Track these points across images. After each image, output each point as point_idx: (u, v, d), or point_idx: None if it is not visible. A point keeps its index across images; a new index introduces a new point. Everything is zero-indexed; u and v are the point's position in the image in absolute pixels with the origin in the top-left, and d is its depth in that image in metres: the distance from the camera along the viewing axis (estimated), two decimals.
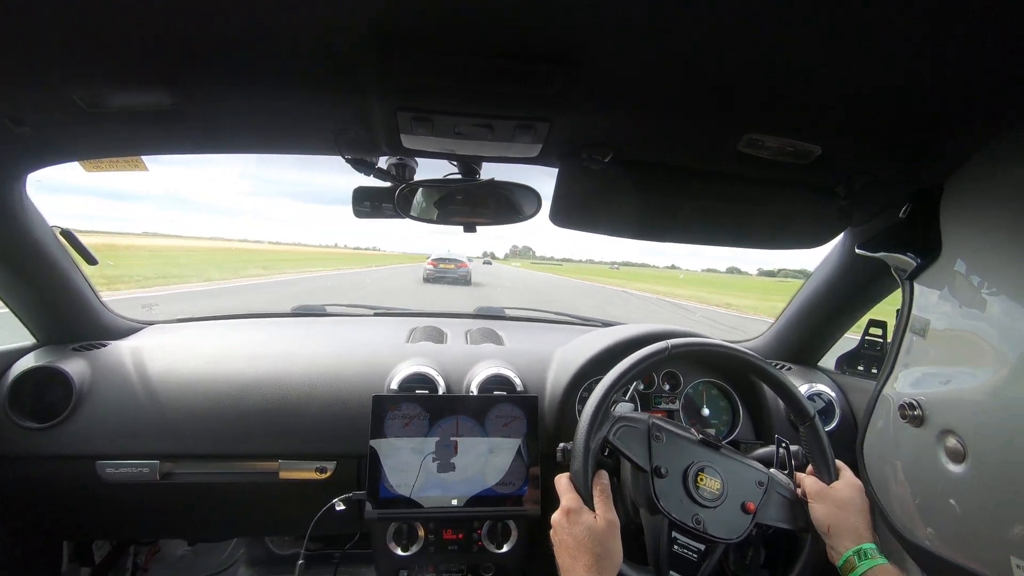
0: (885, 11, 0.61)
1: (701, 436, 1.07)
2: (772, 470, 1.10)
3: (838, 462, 1.07)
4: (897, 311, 1.25)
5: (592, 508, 0.94)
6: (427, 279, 21.03)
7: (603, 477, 0.98)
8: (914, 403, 0.80)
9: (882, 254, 0.96)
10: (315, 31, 0.71)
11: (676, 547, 0.96)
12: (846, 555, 0.92)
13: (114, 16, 0.67)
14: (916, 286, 0.88)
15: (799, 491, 1.06)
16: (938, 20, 0.62)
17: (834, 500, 1.00)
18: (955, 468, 0.74)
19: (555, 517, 0.97)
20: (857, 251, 1.05)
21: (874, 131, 0.91)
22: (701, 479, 1.00)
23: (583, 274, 57.23)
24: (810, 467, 1.08)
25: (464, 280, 21.32)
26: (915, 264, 0.88)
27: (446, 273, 21.15)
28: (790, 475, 1.10)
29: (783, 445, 1.14)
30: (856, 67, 0.73)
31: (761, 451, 1.17)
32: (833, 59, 0.72)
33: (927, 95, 0.79)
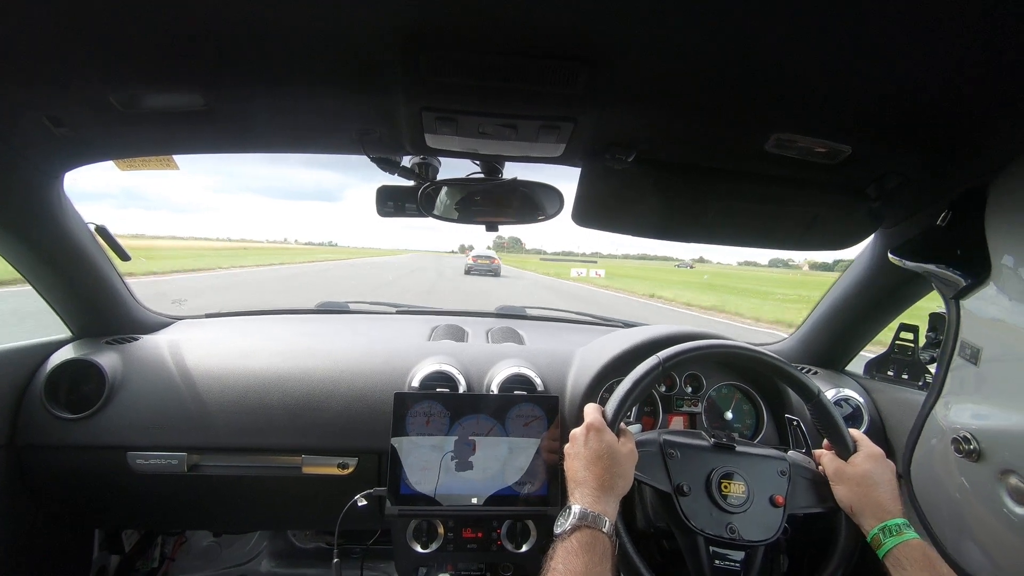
0: (917, 10, 0.59)
1: (714, 439, 1.05)
2: (790, 452, 1.08)
3: (854, 432, 1.04)
4: (931, 317, 1.19)
5: (616, 435, 0.95)
6: (468, 272, 27.97)
7: (635, 427, 1.01)
8: (969, 437, 0.72)
9: (920, 266, 0.89)
10: (343, 32, 0.72)
11: (717, 562, 0.95)
12: (872, 533, 0.90)
13: (148, 19, 0.69)
14: (963, 307, 0.80)
15: (820, 469, 1.04)
16: (974, 19, 0.60)
17: (853, 477, 0.97)
18: (1020, 510, 0.67)
19: (575, 431, 0.98)
20: (890, 257, 1.00)
21: (906, 131, 0.89)
22: (725, 486, 0.98)
23: (631, 279, 34.08)
24: (826, 442, 1.06)
25: (495, 273, 28.14)
26: (962, 284, 0.80)
27: (482, 267, 28.66)
28: (808, 453, 1.08)
29: (794, 424, 1.12)
30: (887, 66, 0.71)
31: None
32: (864, 58, 0.70)
33: (961, 94, 0.76)
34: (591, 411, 0.99)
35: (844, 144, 0.94)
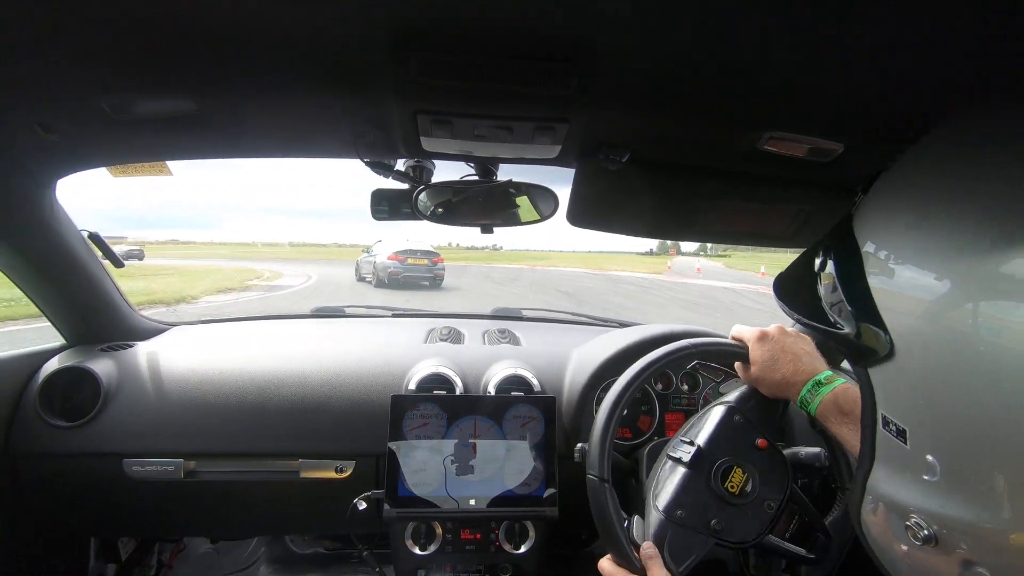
0: (908, 6, 0.60)
1: (680, 456, 0.96)
2: (721, 387, 1.09)
3: (733, 331, 1.02)
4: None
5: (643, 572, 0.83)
6: (382, 284, 14.05)
7: (650, 548, 0.85)
8: (921, 524, 0.59)
9: (810, 323, 0.66)
10: (336, 35, 0.72)
11: (783, 547, 0.97)
12: (799, 402, 0.88)
13: (138, 23, 0.68)
14: (873, 378, 0.60)
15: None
16: (964, 16, 0.61)
17: (760, 374, 0.95)
18: None
19: None
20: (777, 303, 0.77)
21: (896, 129, 0.90)
22: (729, 485, 0.92)
23: None
24: (737, 364, 1.03)
25: (434, 281, 14.64)
26: (863, 355, 0.60)
27: (416, 271, 14.10)
28: (728, 379, 1.12)
29: (695, 366, 1.22)
30: (880, 63, 0.72)
31: (806, 452, 1.07)
32: (856, 55, 0.71)
33: (949, 92, 0.77)
34: (606, 569, 0.87)
35: (836, 142, 0.94)
